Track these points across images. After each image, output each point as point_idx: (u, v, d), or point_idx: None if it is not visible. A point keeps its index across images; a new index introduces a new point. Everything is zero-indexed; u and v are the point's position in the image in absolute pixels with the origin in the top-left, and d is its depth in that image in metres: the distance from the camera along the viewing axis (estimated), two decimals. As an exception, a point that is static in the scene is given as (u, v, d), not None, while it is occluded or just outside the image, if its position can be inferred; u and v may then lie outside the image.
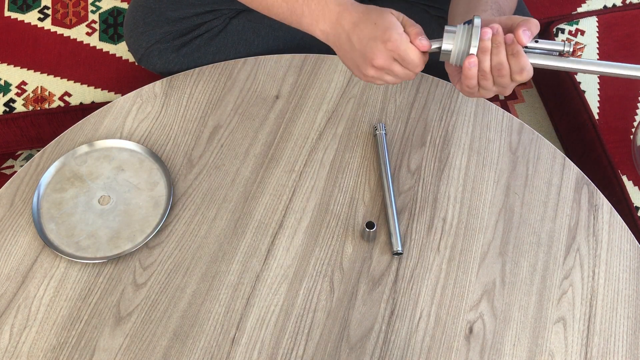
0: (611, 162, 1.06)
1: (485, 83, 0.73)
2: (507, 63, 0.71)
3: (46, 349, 0.76)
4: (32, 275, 0.81)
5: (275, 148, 0.91)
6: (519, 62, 0.71)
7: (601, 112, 1.11)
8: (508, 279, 0.81)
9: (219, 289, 0.80)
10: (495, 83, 0.73)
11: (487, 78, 0.72)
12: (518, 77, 0.72)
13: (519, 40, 0.70)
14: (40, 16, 1.19)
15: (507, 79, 0.72)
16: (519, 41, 0.70)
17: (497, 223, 0.85)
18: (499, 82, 0.73)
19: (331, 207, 0.86)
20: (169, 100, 0.95)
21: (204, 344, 0.77)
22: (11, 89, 1.12)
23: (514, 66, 0.71)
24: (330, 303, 0.79)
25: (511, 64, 0.71)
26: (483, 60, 0.71)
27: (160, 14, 1.00)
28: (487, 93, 0.75)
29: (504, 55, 0.71)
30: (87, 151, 0.89)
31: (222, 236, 0.84)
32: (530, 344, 0.77)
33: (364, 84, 0.96)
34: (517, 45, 0.70)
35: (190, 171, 0.89)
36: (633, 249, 0.84)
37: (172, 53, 1.01)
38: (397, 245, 0.82)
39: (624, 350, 0.77)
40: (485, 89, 0.74)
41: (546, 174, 0.89)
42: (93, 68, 1.14)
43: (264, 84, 0.96)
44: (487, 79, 0.72)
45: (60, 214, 0.84)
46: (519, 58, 0.71)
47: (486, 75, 0.72)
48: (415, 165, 0.90)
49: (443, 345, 0.77)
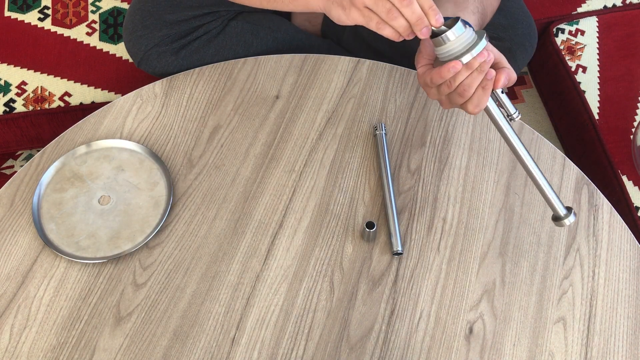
0: (611, 162, 1.06)
1: (444, 89, 0.73)
2: (474, 90, 0.72)
3: (46, 349, 0.76)
4: (32, 275, 0.81)
5: (275, 148, 0.91)
6: (482, 98, 0.72)
7: (601, 112, 1.11)
8: (508, 279, 0.81)
9: (219, 289, 0.80)
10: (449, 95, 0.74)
11: (450, 88, 0.73)
12: (470, 108, 0.73)
13: (496, 82, 0.72)
14: (40, 16, 1.19)
15: (461, 100, 0.73)
16: (495, 83, 0.72)
17: (497, 223, 0.85)
18: (453, 98, 0.74)
19: (331, 207, 0.86)
20: (169, 100, 0.95)
21: (204, 344, 0.77)
22: (11, 89, 1.12)
23: (476, 98, 0.73)
24: (330, 303, 0.79)
25: (475, 94, 0.72)
26: (461, 74, 0.71)
27: (159, 17, 1.00)
28: (434, 95, 0.76)
29: (477, 82, 0.71)
30: (87, 151, 0.89)
31: (222, 236, 0.84)
32: (530, 344, 0.77)
33: (364, 84, 0.96)
34: (491, 84, 0.72)
35: (190, 171, 0.89)
36: (633, 249, 0.84)
37: (171, 56, 1.01)
38: (397, 245, 0.82)
39: (624, 350, 0.77)
40: (439, 92, 0.75)
41: (546, 174, 0.89)
42: (93, 68, 1.14)
43: (264, 84, 0.96)
44: (450, 88, 0.73)
45: (60, 214, 0.84)
46: (485, 94, 0.72)
47: (451, 86, 0.72)
48: (415, 165, 0.90)
49: (443, 345, 0.77)
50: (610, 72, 1.15)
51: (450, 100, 0.75)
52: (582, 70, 1.17)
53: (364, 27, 1.16)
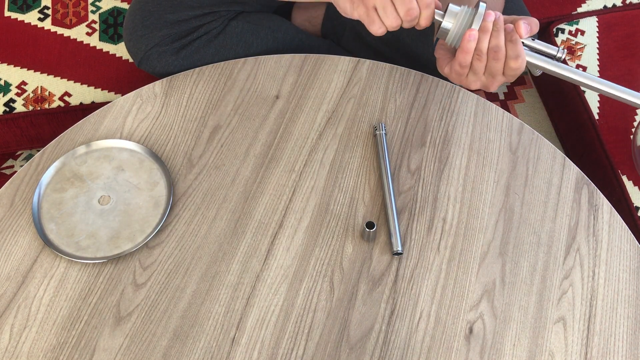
0: (611, 162, 1.06)
1: (478, 65, 0.73)
2: (504, 47, 0.71)
3: (46, 349, 0.76)
4: (32, 275, 0.81)
5: (275, 148, 0.91)
6: (516, 48, 0.71)
7: (601, 112, 1.11)
8: (508, 279, 0.81)
9: (219, 289, 0.80)
10: (487, 68, 0.73)
11: (482, 59, 0.72)
12: (512, 63, 0.72)
13: (518, 31, 0.72)
14: (40, 16, 1.19)
15: (501, 63, 0.72)
16: (518, 32, 0.72)
17: (497, 223, 0.85)
18: (492, 67, 0.73)
19: (331, 207, 0.86)
20: (169, 100, 0.95)
21: (204, 344, 0.77)
22: (11, 89, 1.12)
23: (511, 51, 0.72)
24: (330, 303, 0.79)
25: (508, 49, 0.72)
26: (482, 40, 0.71)
27: (159, 17, 1.00)
28: (475, 80, 0.75)
29: (502, 39, 0.71)
30: (87, 151, 0.89)
31: (222, 236, 0.84)
32: (530, 344, 0.77)
33: (364, 84, 0.96)
34: (515, 33, 0.71)
35: (190, 171, 0.89)
36: (633, 249, 0.84)
37: (171, 56, 1.01)
38: (397, 245, 0.82)
39: (624, 350, 0.77)
40: (476, 72, 0.74)
41: (546, 174, 0.89)
42: (93, 68, 1.14)
43: (264, 84, 0.96)
44: (482, 60, 0.72)
45: (60, 214, 0.84)
46: (516, 44, 0.71)
47: (481, 56, 0.72)
48: (415, 165, 0.90)
49: (443, 345, 0.77)
50: (610, 72, 1.16)
51: (491, 73, 0.74)
52: (582, 70, 1.17)
53: (364, 27, 1.16)
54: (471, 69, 0.74)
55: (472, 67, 0.73)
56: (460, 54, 0.72)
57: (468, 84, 0.76)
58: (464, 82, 0.76)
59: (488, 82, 0.75)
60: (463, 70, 0.74)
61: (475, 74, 0.74)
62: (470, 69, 0.74)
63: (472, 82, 0.75)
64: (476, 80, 0.75)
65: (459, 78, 0.75)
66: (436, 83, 0.97)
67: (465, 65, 0.73)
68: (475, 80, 0.75)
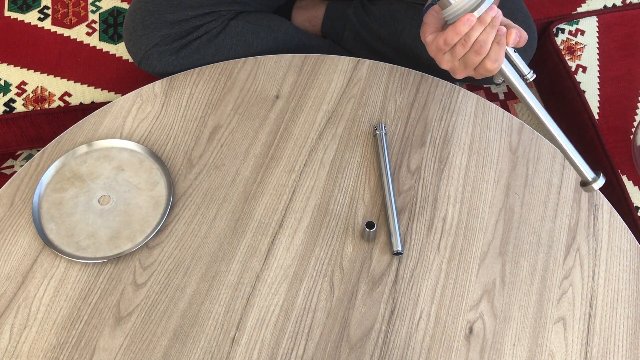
0: (611, 162, 1.06)
1: (459, 50, 0.73)
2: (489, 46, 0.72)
3: (46, 349, 0.76)
4: (32, 275, 0.81)
5: (275, 148, 0.91)
6: (499, 52, 0.73)
7: (601, 112, 1.11)
8: (508, 279, 0.81)
9: (219, 289, 0.80)
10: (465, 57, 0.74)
11: (465, 47, 0.73)
12: (489, 64, 0.73)
13: (508, 37, 0.72)
14: (40, 16, 1.19)
15: (479, 59, 0.73)
16: (507, 38, 0.72)
17: (497, 223, 0.85)
18: (469, 58, 0.74)
19: (331, 207, 0.86)
20: (169, 100, 0.95)
21: (204, 344, 0.77)
22: (11, 89, 1.12)
23: (493, 53, 0.73)
24: (330, 303, 0.79)
25: (491, 50, 0.73)
26: (475, 29, 0.71)
27: (159, 16, 1.00)
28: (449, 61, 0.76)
29: (492, 37, 0.72)
30: (87, 151, 0.89)
31: (222, 236, 0.84)
32: (530, 344, 0.77)
33: (364, 84, 0.96)
34: (504, 38, 0.72)
35: (190, 171, 0.89)
36: (633, 249, 0.84)
37: (171, 55, 1.01)
38: (397, 245, 0.82)
39: (624, 350, 0.77)
40: (453, 56, 0.74)
41: (546, 174, 0.89)
42: (93, 68, 1.14)
43: (264, 84, 0.96)
44: (465, 47, 0.73)
45: (60, 214, 0.84)
46: (501, 48, 0.73)
47: (466, 44, 0.72)
48: (415, 165, 0.90)
49: (443, 345, 0.77)
50: (610, 72, 1.15)
51: (465, 63, 0.74)
52: (582, 70, 1.17)
53: (364, 27, 1.16)
54: (451, 50, 0.74)
55: (453, 49, 0.74)
56: (450, 32, 0.72)
57: (440, 61, 0.76)
58: (438, 58, 0.76)
59: (459, 68, 0.76)
60: (445, 47, 0.74)
61: (452, 55, 0.75)
62: (450, 50, 0.74)
63: (444, 62, 0.76)
64: (449, 61, 0.76)
65: (435, 52, 0.76)
66: (436, 83, 0.97)
67: (449, 44, 0.73)
68: (449, 60, 0.76)
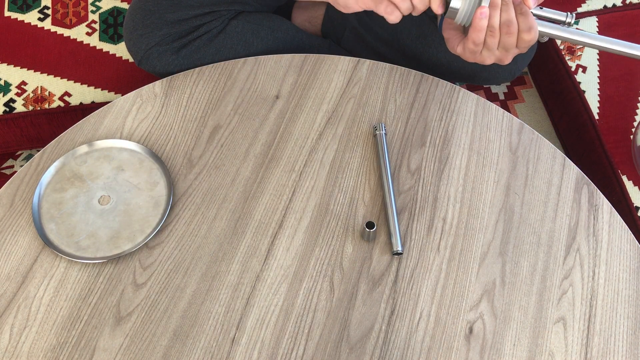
0: (611, 162, 1.06)
1: (492, 41, 0.73)
2: (516, 21, 0.72)
3: (46, 349, 0.76)
4: (32, 275, 0.81)
5: (275, 148, 0.91)
6: (527, 21, 0.72)
7: (601, 112, 1.11)
8: (508, 279, 0.81)
9: (219, 289, 0.80)
10: (501, 43, 0.74)
11: (495, 35, 0.73)
12: (525, 36, 0.73)
13: (526, 3, 0.72)
14: (40, 16, 1.19)
15: (514, 37, 0.73)
16: (526, 3, 0.72)
17: (497, 223, 0.85)
18: (506, 41, 0.74)
19: (331, 207, 0.86)
20: (169, 100, 0.95)
21: (204, 344, 0.77)
22: (11, 89, 1.12)
23: (522, 24, 0.73)
24: (330, 303, 0.79)
25: (520, 22, 0.73)
26: (493, 16, 0.72)
27: (159, 16, 1.00)
28: (490, 55, 0.76)
29: (512, 12, 0.72)
30: (87, 151, 0.89)
31: (222, 236, 0.84)
32: (530, 344, 0.77)
33: (364, 84, 0.96)
34: (524, 5, 0.72)
35: (190, 171, 0.89)
36: (633, 249, 0.84)
37: (171, 55, 1.01)
38: (397, 245, 0.82)
39: (624, 350, 0.77)
40: (489, 49, 0.75)
41: (546, 174, 0.89)
42: (93, 68, 1.14)
43: (264, 84, 0.96)
44: (495, 36, 0.73)
45: (60, 214, 0.84)
46: (527, 16, 0.72)
47: (494, 32, 0.73)
48: (415, 165, 0.90)
49: (443, 345, 0.77)
50: (610, 72, 1.15)
51: (505, 47, 0.74)
52: (582, 70, 1.17)
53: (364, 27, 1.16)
54: (485, 46, 0.74)
55: (486, 44, 0.74)
56: (474, 33, 0.73)
57: (483, 59, 0.77)
58: (478, 59, 0.77)
59: (502, 55, 0.76)
60: (477, 47, 0.75)
61: (489, 49, 0.75)
62: (484, 46, 0.74)
63: (486, 58, 0.76)
64: (490, 55, 0.76)
65: (473, 56, 0.76)
66: (436, 83, 0.97)
67: (479, 43, 0.74)
68: (489, 55, 0.76)
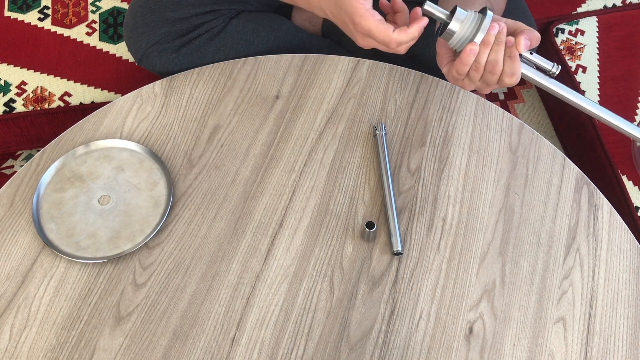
0: (611, 162, 1.06)
1: (475, 75, 0.75)
2: (502, 63, 0.73)
3: (46, 349, 0.76)
4: (32, 275, 0.81)
5: (275, 148, 0.91)
6: (513, 65, 0.73)
7: (601, 112, 1.11)
8: (508, 279, 0.81)
9: (219, 289, 0.80)
10: (483, 78, 0.75)
11: (479, 71, 0.74)
12: (507, 80, 0.74)
13: (517, 46, 0.73)
14: (40, 16, 1.19)
15: (496, 77, 0.74)
16: (517, 47, 0.73)
17: (497, 223, 0.85)
18: (487, 78, 0.75)
19: (331, 207, 0.86)
20: (169, 100, 0.95)
21: (204, 344, 0.77)
22: (11, 89, 1.12)
23: (507, 68, 0.74)
24: (330, 303, 0.79)
25: (505, 65, 0.74)
26: (482, 53, 0.73)
27: (160, 14, 1.00)
28: (470, 85, 0.78)
29: (501, 54, 0.73)
30: (87, 151, 0.89)
31: (222, 236, 0.84)
32: (530, 344, 0.77)
33: (364, 84, 0.96)
34: (514, 49, 0.72)
35: (190, 171, 0.89)
36: (633, 249, 0.84)
37: (172, 53, 1.01)
38: (397, 245, 0.82)
39: (624, 350, 0.77)
40: (471, 80, 0.76)
41: (546, 174, 0.89)
42: (93, 68, 1.14)
43: (264, 84, 0.96)
44: (479, 71, 0.74)
45: (60, 214, 0.84)
46: (514, 61, 0.73)
47: (479, 68, 0.74)
48: (415, 165, 0.90)
49: (443, 345, 0.77)
50: (610, 72, 1.15)
51: (486, 82, 0.76)
52: (582, 70, 1.17)
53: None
54: (467, 76, 0.76)
55: (469, 75, 0.76)
56: (459, 64, 0.74)
57: (463, 85, 0.80)
58: (459, 84, 0.79)
59: (482, 87, 0.79)
60: (460, 76, 0.76)
61: (470, 80, 0.77)
62: (467, 76, 0.76)
63: (467, 85, 0.79)
64: (471, 84, 0.78)
65: (454, 81, 0.78)
66: (436, 83, 0.97)
67: (463, 74, 0.75)
68: (470, 84, 0.78)
